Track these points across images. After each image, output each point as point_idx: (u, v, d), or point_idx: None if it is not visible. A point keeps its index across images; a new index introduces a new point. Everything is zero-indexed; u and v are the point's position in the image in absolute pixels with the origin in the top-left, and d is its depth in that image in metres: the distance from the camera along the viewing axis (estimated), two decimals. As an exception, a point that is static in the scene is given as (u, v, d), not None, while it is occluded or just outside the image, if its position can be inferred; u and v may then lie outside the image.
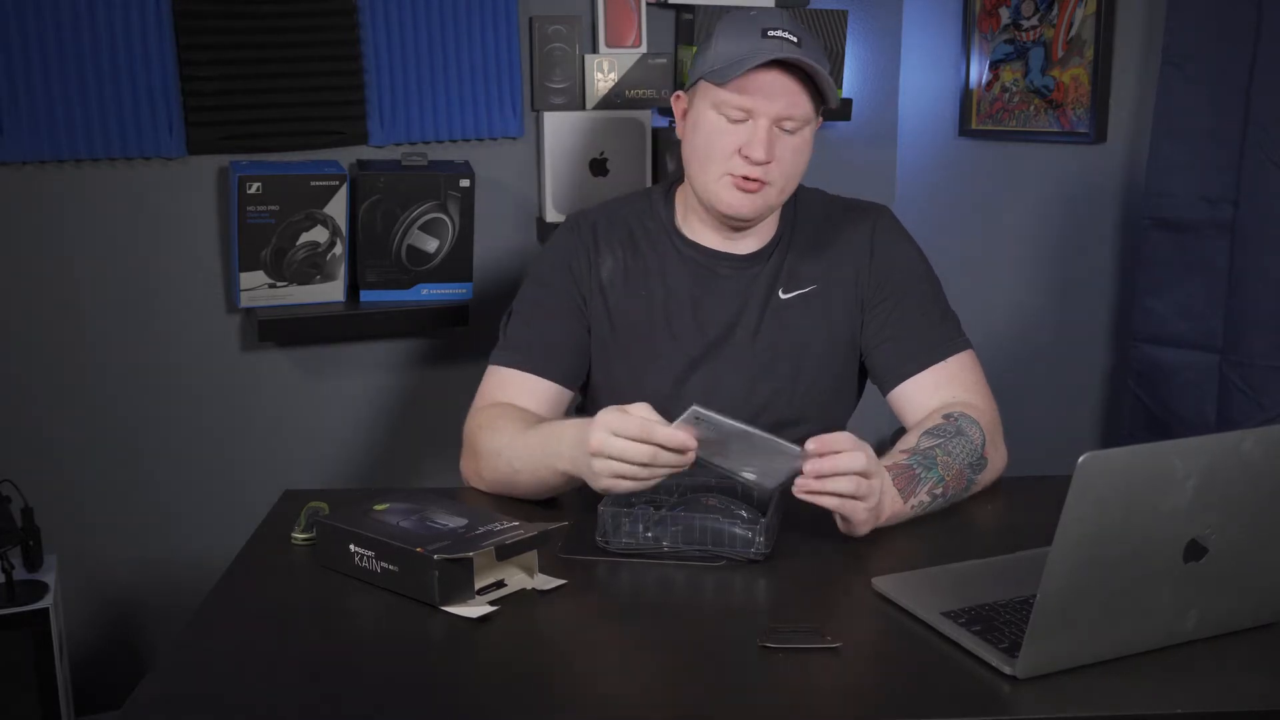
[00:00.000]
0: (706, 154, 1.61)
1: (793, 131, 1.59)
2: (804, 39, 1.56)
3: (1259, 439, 1.10)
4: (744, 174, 1.58)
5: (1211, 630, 1.18)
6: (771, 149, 1.57)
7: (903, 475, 1.46)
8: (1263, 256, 2.15)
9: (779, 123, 1.57)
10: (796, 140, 1.59)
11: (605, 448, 1.33)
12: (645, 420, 1.33)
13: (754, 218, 1.64)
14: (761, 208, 1.63)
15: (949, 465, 1.50)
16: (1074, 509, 1.04)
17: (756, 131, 1.57)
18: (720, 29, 1.60)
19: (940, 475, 1.49)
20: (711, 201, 1.64)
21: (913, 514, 1.47)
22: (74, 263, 2.30)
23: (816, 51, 1.58)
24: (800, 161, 1.62)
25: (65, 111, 2.21)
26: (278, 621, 1.27)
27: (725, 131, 1.59)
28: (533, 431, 1.51)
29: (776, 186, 1.61)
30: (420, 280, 2.45)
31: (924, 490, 1.47)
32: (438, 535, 1.30)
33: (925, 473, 1.48)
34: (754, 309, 1.70)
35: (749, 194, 1.60)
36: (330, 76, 2.39)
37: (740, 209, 1.62)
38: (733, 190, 1.61)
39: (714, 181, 1.61)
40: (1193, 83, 2.23)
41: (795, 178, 1.64)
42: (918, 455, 1.50)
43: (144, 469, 2.41)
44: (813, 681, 1.13)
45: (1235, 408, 2.21)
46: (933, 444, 1.52)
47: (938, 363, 1.65)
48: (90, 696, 2.37)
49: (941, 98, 2.88)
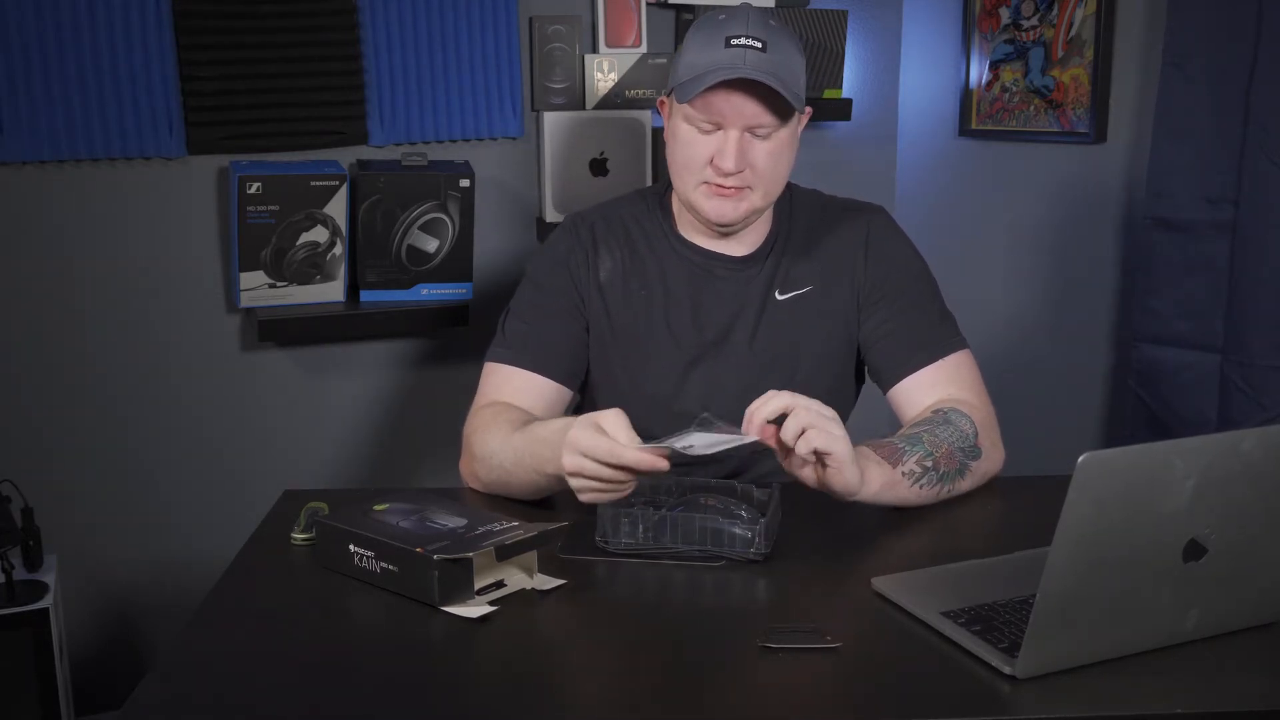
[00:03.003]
0: (683, 164, 1.62)
1: (766, 136, 1.58)
2: (771, 41, 1.55)
3: (1259, 439, 1.10)
4: (718, 182, 1.59)
5: (1211, 630, 1.18)
6: (743, 157, 1.57)
7: (885, 448, 1.47)
8: (1263, 256, 2.15)
9: (750, 130, 1.57)
10: (772, 144, 1.59)
11: (578, 468, 1.34)
12: (614, 446, 1.31)
13: (738, 222, 1.64)
14: (745, 212, 1.63)
15: (936, 444, 1.50)
16: (1074, 509, 1.04)
17: (727, 142, 1.57)
18: (690, 35, 1.61)
19: (927, 450, 1.49)
20: (694, 209, 1.65)
21: (909, 485, 1.47)
22: (74, 263, 2.30)
23: (785, 52, 1.56)
24: (780, 164, 1.62)
25: (65, 111, 2.21)
26: (278, 621, 1.27)
27: (697, 142, 1.59)
28: (519, 434, 1.51)
29: (758, 191, 1.61)
30: (420, 280, 2.45)
31: (912, 460, 1.47)
32: (438, 535, 1.30)
33: (910, 446, 1.48)
34: (751, 311, 1.70)
35: (728, 200, 1.61)
36: (330, 76, 2.39)
37: (722, 216, 1.62)
38: (712, 198, 1.61)
39: (693, 190, 1.62)
40: (1193, 83, 2.23)
41: (778, 180, 1.63)
42: (902, 437, 1.51)
43: (144, 469, 2.41)
44: (813, 681, 1.13)
45: (1236, 408, 2.21)
46: (918, 430, 1.53)
47: (936, 360, 1.65)
48: (90, 696, 2.37)
49: (941, 98, 2.88)
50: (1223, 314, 2.23)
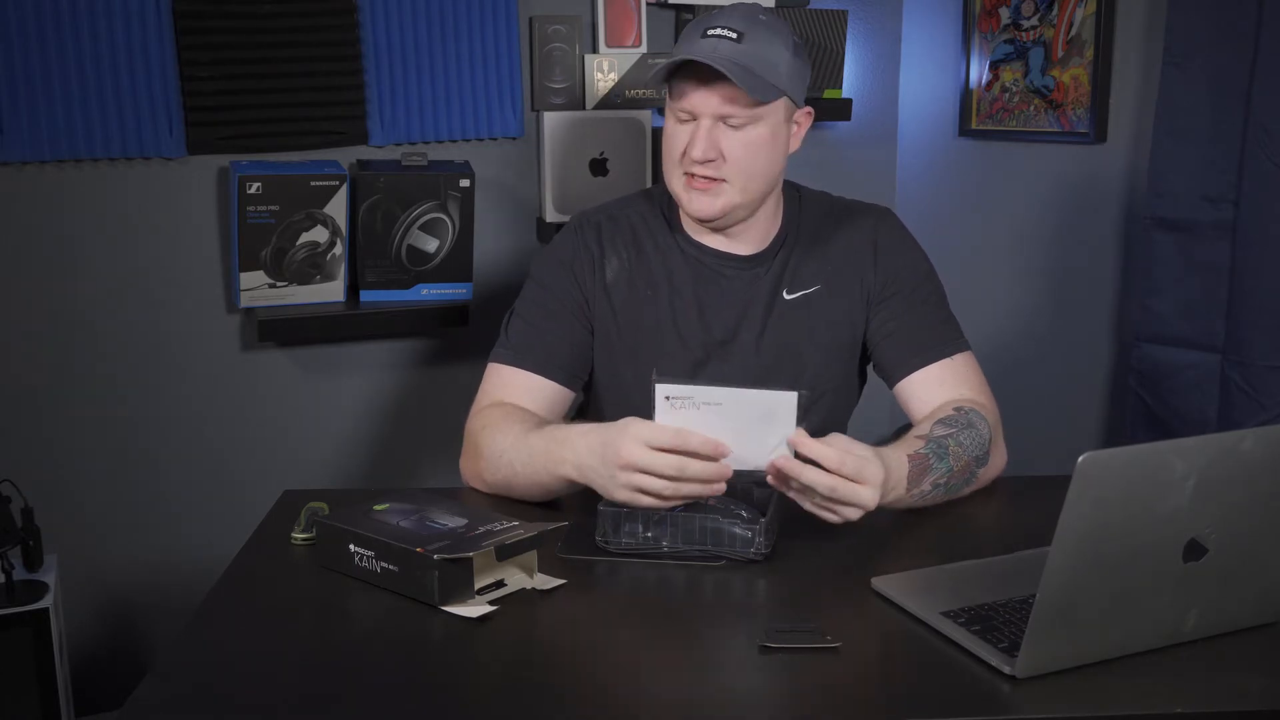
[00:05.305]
0: (667, 156, 1.64)
1: (739, 127, 1.58)
2: (750, 33, 1.56)
3: (1259, 439, 1.10)
4: (692, 172, 1.60)
5: (1211, 630, 1.18)
6: (713, 146, 1.58)
7: (919, 465, 1.46)
8: (1263, 256, 2.15)
9: (722, 119, 1.58)
10: (748, 135, 1.59)
11: (638, 461, 1.33)
12: (679, 429, 1.33)
13: (715, 217, 1.64)
14: (723, 207, 1.62)
15: (959, 456, 1.51)
16: (1074, 509, 1.04)
17: (698, 130, 1.58)
18: (682, 32, 1.63)
19: (950, 466, 1.50)
20: (679, 204, 1.66)
21: (912, 502, 1.48)
22: (74, 263, 2.30)
23: (765, 44, 1.56)
24: (758, 157, 1.61)
25: (65, 111, 2.21)
26: (278, 621, 1.27)
27: (677, 133, 1.61)
28: (536, 435, 1.51)
29: (735, 185, 1.61)
30: (420, 280, 2.45)
31: (929, 481, 1.48)
32: (438, 535, 1.30)
33: (937, 463, 1.49)
34: (758, 310, 1.70)
35: (705, 193, 1.61)
36: (330, 76, 2.39)
37: (699, 210, 1.62)
38: (690, 191, 1.62)
39: (675, 184, 1.64)
40: (1193, 83, 2.23)
41: (758, 174, 1.62)
42: (933, 443, 1.50)
43: (144, 469, 2.41)
44: (813, 681, 1.13)
45: (1236, 407, 2.21)
46: (946, 433, 1.52)
47: (945, 358, 1.66)
48: (90, 697, 2.37)
49: (941, 98, 2.88)
50: (1223, 314, 2.23)
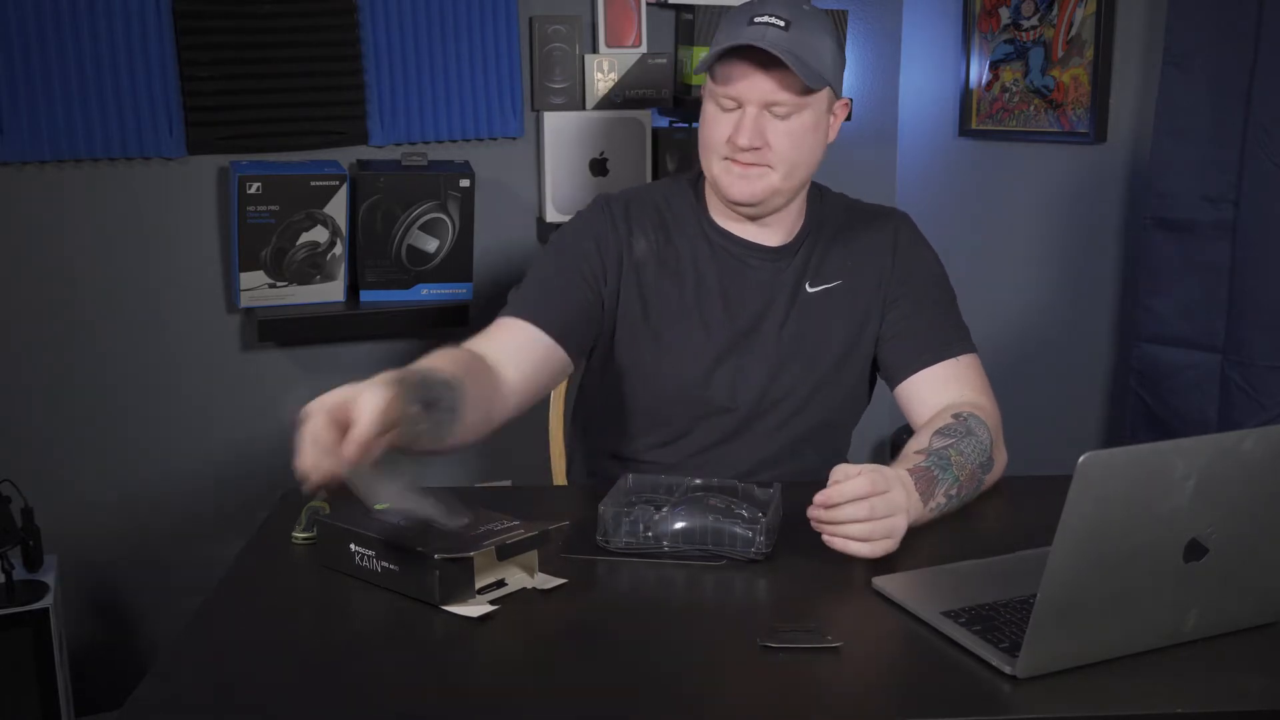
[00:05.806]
0: (706, 142, 1.63)
1: (784, 116, 1.58)
2: (796, 21, 1.56)
3: (1259, 439, 1.10)
4: (736, 158, 1.60)
5: (1211, 630, 1.18)
6: (759, 134, 1.58)
7: (923, 478, 1.45)
8: (1264, 256, 2.15)
9: (768, 107, 1.58)
10: (793, 124, 1.59)
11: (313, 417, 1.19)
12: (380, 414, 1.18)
13: (756, 202, 1.63)
14: (764, 191, 1.62)
15: (962, 465, 1.49)
16: (1074, 509, 1.04)
17: (744, 118, 1.58)
18: (723, 20, 1.64)
19: (955, 476, 1.48)
20: (717, 189, 1.65)
21: (930, 517, 1.47)
22: (74, 263, 2.30)
23: (811, 33, 1.57)
24: (802, 145, 1.61)
25: (65, 111, 2.21)
26: (278, 621, 1.27)
27: (719, 120, 1.61)
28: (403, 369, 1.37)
29: (779, 171, 1.61)
30: (420, 280, 2.45)
31: (940, 492, 1.46)
32: (438, 535, 1.30)
33: (942, 474, 1.47)
34: (782, 301, 1.69)
35: (744, 175, 1.61)
36: (330, 76, 2.39)
37: (740, 193, 1.62)
38: (731, 174, 1.61)
39: (715, 168, 1.63)
40: (1193, 83, 2.23)
41: (800, 163, 1.62)
42: (933, 456, 1.49)
43: (144, 469, 2.41)
44: (813, 681, 1.13)
45: (1236, 408, 2.21)
46: (945, 444, 1.51)
47: (949, 359, 1.65)
48: (90, 697, 2.37)
49: (941, 98, 2.88)
50: (1223, 314, 2.23)
